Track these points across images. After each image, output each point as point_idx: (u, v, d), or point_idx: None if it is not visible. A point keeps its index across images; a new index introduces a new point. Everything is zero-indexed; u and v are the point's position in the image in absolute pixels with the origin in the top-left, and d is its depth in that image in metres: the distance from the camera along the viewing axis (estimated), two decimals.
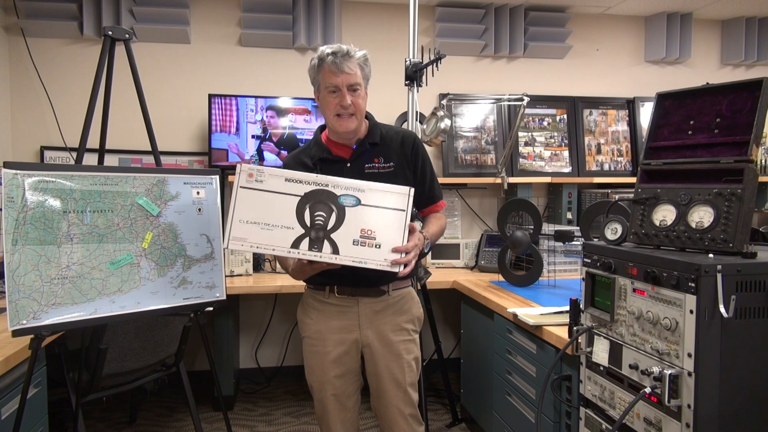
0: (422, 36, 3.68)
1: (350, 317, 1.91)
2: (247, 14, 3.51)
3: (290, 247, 1.68)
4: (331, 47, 1.82)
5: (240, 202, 1.67)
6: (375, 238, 1.72)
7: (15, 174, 1.81)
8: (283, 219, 1.69)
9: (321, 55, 1.82)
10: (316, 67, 1.86)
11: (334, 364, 1.91)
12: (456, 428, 3.04)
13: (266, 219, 1.68)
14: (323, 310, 1.93)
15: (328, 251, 1.70)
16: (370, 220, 1.72)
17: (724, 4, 3.77)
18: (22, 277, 1.78)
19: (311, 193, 1.71)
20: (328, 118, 1.89)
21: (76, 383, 2.27)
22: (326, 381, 1.92)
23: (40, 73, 3.37)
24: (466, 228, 3.85)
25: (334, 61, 1.80)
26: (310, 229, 1.69)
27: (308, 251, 1.69)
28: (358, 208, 1.72)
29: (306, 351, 1.97)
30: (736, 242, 1.38)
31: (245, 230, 1.67)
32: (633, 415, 1.49)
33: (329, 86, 1.83)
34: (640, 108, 3.88)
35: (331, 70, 1.81)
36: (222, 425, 2.91)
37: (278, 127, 3.43)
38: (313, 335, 1.93)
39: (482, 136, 3.76)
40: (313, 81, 1.90)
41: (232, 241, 1.66)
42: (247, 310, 3.65)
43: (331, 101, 1.84)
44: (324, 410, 1.96)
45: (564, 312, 2.14)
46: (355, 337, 1.92)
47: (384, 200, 1.74)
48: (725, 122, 1.51)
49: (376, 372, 1.94)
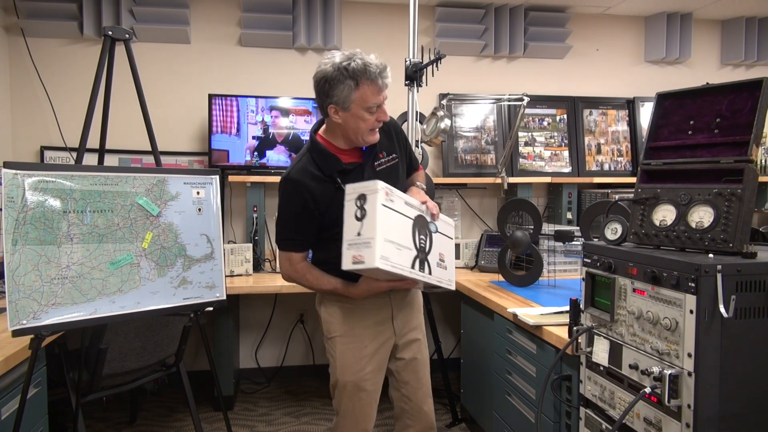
0: (422, 36, 3.68)
1: (384, 312, 1.96)
2: (247, 14, 3.51)
3: (410, 267, 1.74)
4: (363, 61, 1.72)
5: (381, 220, 1.65)
6: (445, 260, 1.91)
7: (15, 174, 1.81)
8: (406, 240, 1.75)
9: (359, 71, 1.71)
10: (352, 85, 1.72)
11: (371, 360, 1.93)
12: (456, 428, 3.04)
13: (398, 239, 1.71)
14: (355, 308, 1.93)
15: (427, 272, 1.82)
16: (441, 245, 1.91)
17: (724, 4, 3.77)
18: (22, 277, 1.78)
19: (418, 217, 1.82)
20: (360, 133, 1.81)
21: (76, 383, 2.27)
22: (363, 377, 1.92)
23: (40, 73, 3.37)
24: (466, 228, 3.85)
25: (383, 79, 1.75)
26: (419, 251, 1.79)
27: (419, 271, 1.78)
28: (437, 234, 1.89)
29: (339, 350, 1.92)
30: (736, 242, 1.38)
31: (387, 249, 1.65)
32: (633, 415, 1.49)
33: (371, 106, 1.76)
34: (640, 108, 3.88)
35: (376, 90, 1.75)
36: (222, 425, 2.91)
37: (280, 128, 3.43)
38: (347, 333, 1.93)
39: (482, 136, 3.76)
40: (341, 99, 1.75)
41: (380, 261, 1.62)
42: (247, 310, 3.65)
43: (369, 120, 1.78)
44: (357, 408, 1.94)
45: (564, 312, 2.14)
46: (388, 330, 1.97)
47: (446, 229, 1.95)
48: (725, 122, 1.51)
49: (407, 358, 2.01)
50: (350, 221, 1.68)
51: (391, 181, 1.77)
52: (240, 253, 3.24)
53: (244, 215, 3.56)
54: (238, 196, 3.57)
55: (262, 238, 3.48)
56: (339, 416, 1.98)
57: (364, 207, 1.67)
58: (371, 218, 1.64)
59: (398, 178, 1.96)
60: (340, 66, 1.73)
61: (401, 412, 2.06)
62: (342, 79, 1.73)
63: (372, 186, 1.66)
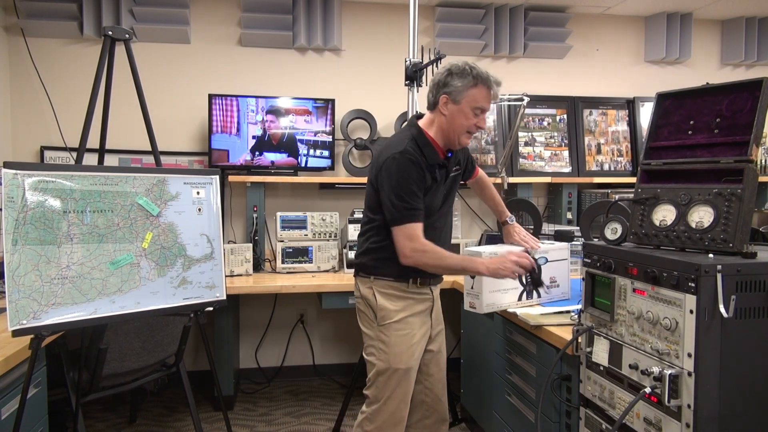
0: (422, 36, 3.68)
1: (427, 303, 2.12)
2: (247, 14, 3.51)
3: (517, 300, 2.27)
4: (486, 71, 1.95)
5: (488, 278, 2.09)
6: (557, 280, 2.38)
7: (15, 174, 1.81)
8: (511, 282, 2.22)
9: (479, 75, 1.94)
10: (470, 84, 1.94)
11: (417, 346, 2.07)
12: (456, 428, 3.04)
13: (503, 285, 2.21)
14: (407, 297, 2.06)
15: (536, 297, 2.32)
16: (553, 270, 2.35)
17: (724, 4, 3.77)
18: (22, 277, 1.78)
19: None
20: (458, 131, 1.99)
21: (76, 383, 2.27)
22: (413, 362, 2.05)
23: (40, 73, 3.37)
24: (466, 228, 3.85)
25: (496, 90, 1.97)
26: (526, 285, 2.29)
27: (526, 300, 2.30)
28: (548, 264, 2.33)
29: (393, 336, 2.02)
30: (736, 242, 1.38)
31: (492, 296, 2.20)
32: (633, 415, 1.49)
33: (478, 108, 1.96)
34: (640, 108, 3.88)
35: (489, 96, 1.97)
36: (222, 425, 2.91)
37: (279, 128, 3.43)
38: (402, 320, 2.04)
39: (482, 136, 3.75)
40: (456, 92, 1.95)
41: (487, 307, 2.19)
42: (247, 310, 3.65)
43: (471, 120, 1.97)
44: (403, 392, 2.04)
45: (564, 312, 2.14)
46: (428, 321, 2.13)
47: (557, 255, 2.37)
48: (725, 122, 1.51)
49: (436, 349, 2.17)
50: (467, 278, 2.20)
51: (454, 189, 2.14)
52: (240, 253, 3.24)
53: (244, 215, 3.56)
54: (238, 196, 3.57)
55: (262, 238, 3.48)
56: (380, 403, 2.03)
57: None
58: (479, 278, 2.14)
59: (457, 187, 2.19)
60: (467, 65, 1.96)
61: (420, 403, 2.16)
62: (465, 75, 1.95)
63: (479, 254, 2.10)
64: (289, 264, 3.34)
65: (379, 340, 2.03)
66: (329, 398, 3.43)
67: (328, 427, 3.05)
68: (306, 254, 3.36)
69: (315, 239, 3.40)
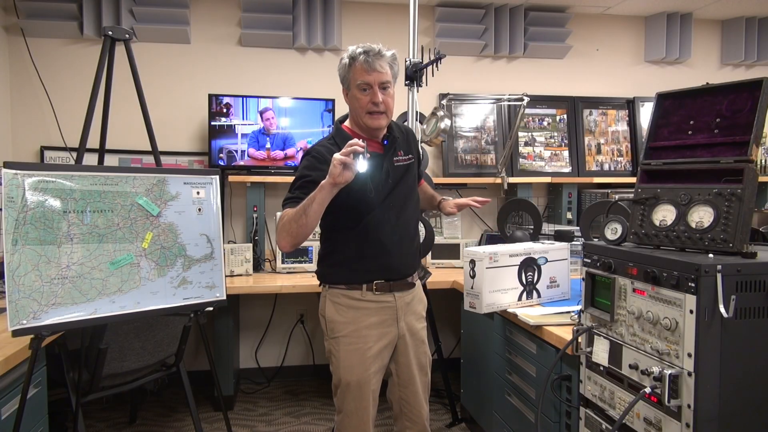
0: (422, 36, 3.68)
1: (388, 312, 1.97)
2: (247, 14, 3.51)
3: (517, 300, 2.31)
4: (363, 46, 1.88)
5: (487, 279, 2.23)
6: (557, 281, 2.41)
7: (15, 174, 1.81)
8: (512, 282, 2.30)
9: (352, 54, 1.88)
10: (347, 66, 1.90)
11: (374, 360, 1.94)
12: (456, 428, 3.04)
13: (503, 285, 2.28)
14: (359, 307, 1.95)
15: (535, 297, 2.36)
16: (551, 269, 2.39)
17: (724, 4, 3.77)
18: (22, 277, 1.78)
19: (524, 260, 2.32)
20: (359, 114, 1.93)
21: (76, 383, 2.27)
22: (367, 378, 1.93)
23: (40, 73, 3.37)
24: (466, 228, 3.85)
25: (366, 59, 1.86)
26: (526, 285, 2.34)
27: (526, 300, 2.34)
28: (548, 264, 2.38)
29: (343, 350, 1.94)
30: (736, 242, 1.38)
31: (492, 296, 2.25)
32: (633, 415, 1.49)
33: (361, 84, 1.88)
34: (640, 108, 3.88)
35: (364, 68, 1.87)
36: (222, 425, 2.91)
37: (279, 128, 3.43)
38: (351, 334, 1.93)
39: (482, 136, 3.76)
40: (344, 79, 1.95)
41: (487, 307, 2.24)
42: (247, 310, 3.65)
43: (362, 98, 1.90)
44: (361, 407, 1.94)
45: (564, 312, 2.14)
46: (393, 330, 1.98)
47: (557, 255, 2.41)
48: (725, 122, 1.51)
49: (407, 361, 2.03)
50: (467, 278, 2.29)
51: (406, 179, 2.01)
52: (240, 253, 3.24)
53: (244, 215, 3.56)
54: (238, 196, 3.57)
55: (262, 238, 3.48)
56: (342, 415, 1.98)
57: (474, 269, 2.25)
58: (479, 278, 2.23)
59: (412, 178, 2.08)
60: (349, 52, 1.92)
61: (399, 413, 2.07)
62: (345, 62, 1.91)
63: (480, 254, 2.22)
64: (289, 264, 3.34)
65: (330, 353, 1.98)
66: (329, 398, 3.40)
67: (328, 427, 3.05)
68: (306, 254, 3.36)
69: (315, 239, 3.39)
